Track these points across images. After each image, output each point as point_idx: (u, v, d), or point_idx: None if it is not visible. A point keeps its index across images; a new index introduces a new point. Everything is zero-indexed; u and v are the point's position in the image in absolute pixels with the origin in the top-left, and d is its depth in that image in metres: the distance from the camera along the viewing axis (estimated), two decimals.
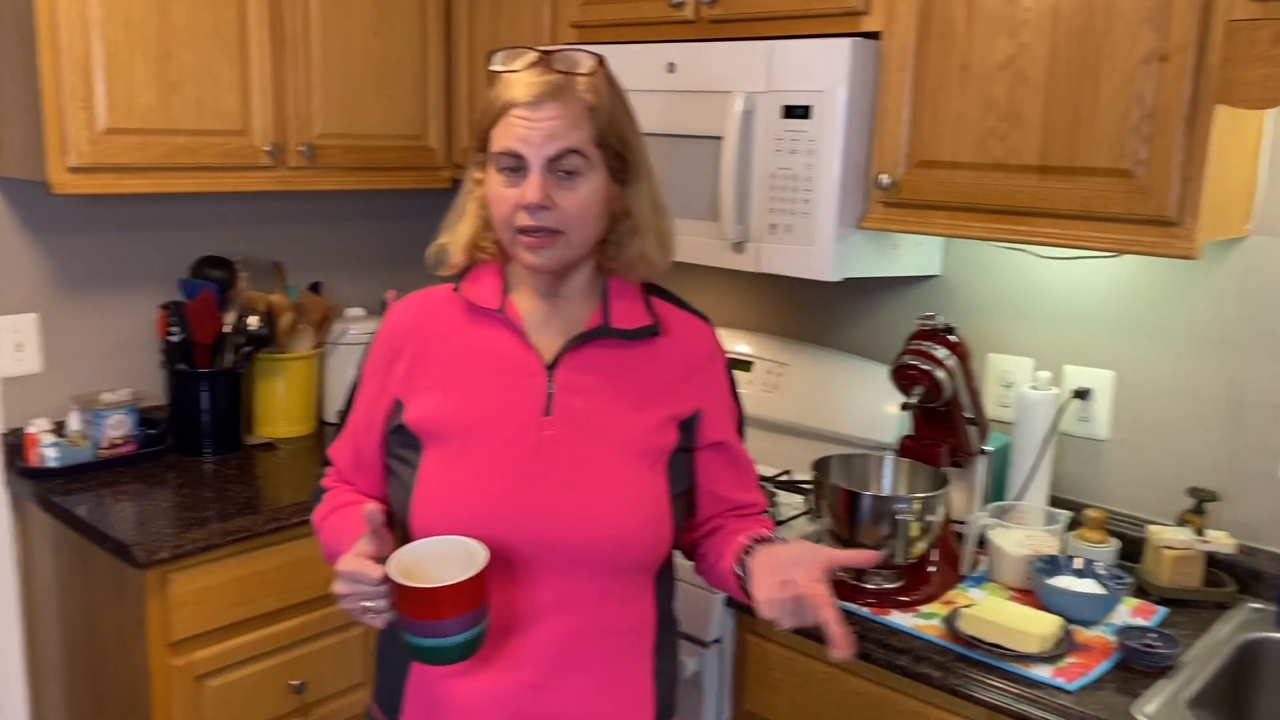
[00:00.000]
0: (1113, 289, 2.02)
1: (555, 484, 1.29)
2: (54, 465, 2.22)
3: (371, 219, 2.93)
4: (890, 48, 1.87)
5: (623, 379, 1.35)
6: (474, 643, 1.21)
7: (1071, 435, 2.07)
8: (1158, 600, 1.82)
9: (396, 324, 1.40)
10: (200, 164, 2.22)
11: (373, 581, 1.21)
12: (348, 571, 1.23)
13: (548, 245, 1.28)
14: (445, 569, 1.19)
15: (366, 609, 1.23)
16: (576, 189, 1.27)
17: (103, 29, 2.04)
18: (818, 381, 2.31)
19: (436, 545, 1.25)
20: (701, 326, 1.43)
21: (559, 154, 1.25)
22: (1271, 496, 1.87)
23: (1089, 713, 1.47)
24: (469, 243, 1.37)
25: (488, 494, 1.29)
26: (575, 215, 1.28)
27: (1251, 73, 1.51)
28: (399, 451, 1.37)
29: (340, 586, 1.24)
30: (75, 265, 2.41)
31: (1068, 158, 1.69)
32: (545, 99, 1.25)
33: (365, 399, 1.41)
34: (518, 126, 1.25)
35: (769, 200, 1.97)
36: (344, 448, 1.45)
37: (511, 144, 1.26)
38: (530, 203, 1.25)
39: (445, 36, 2.63)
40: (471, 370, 1.34)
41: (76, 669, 2.26)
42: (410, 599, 1.18)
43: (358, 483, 1.44)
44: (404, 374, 1.37)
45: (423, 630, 1.19)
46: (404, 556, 1.22)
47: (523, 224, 1.27)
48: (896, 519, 1.73)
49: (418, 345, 1.37)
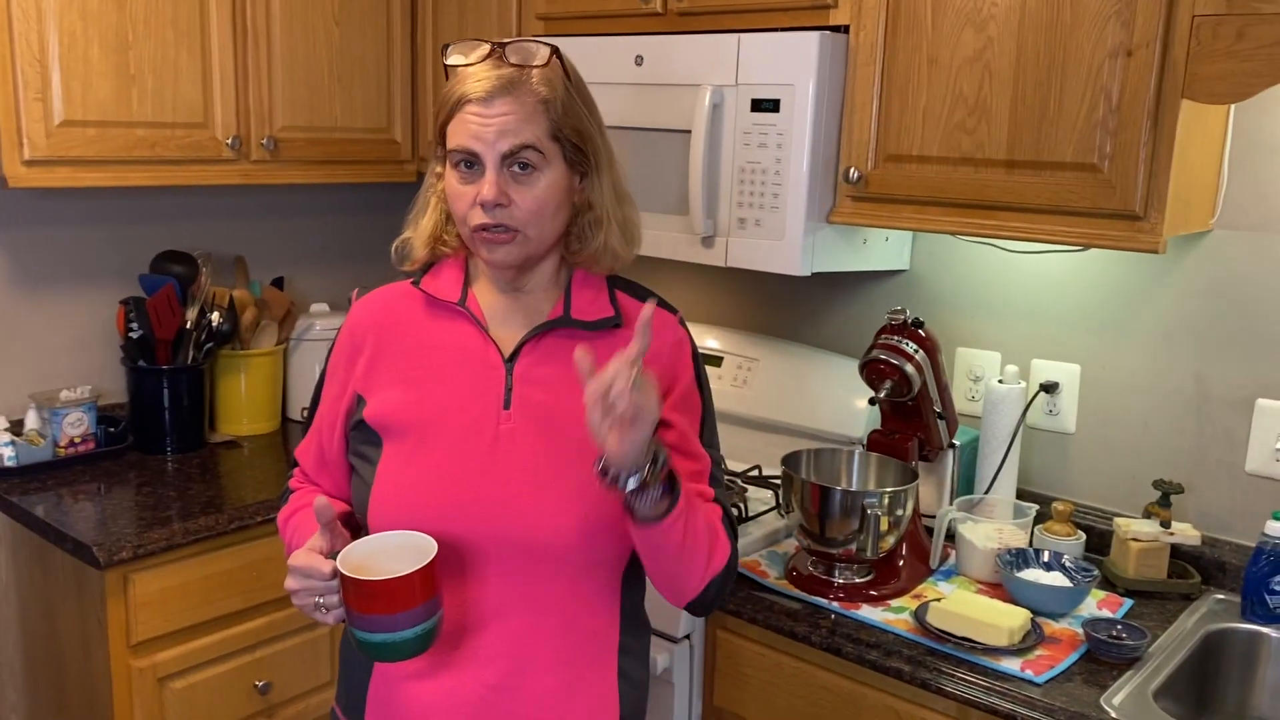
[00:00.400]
0: (1079, 283, 2.03)
1: (513, 479, 1.27)
2: (11, 465, 2.18)
3: (336, 213, 2.90)
4: (858, 41, 1.87)
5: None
6: (425, 638, 1.18)
7: (1039, 429, 2.09)
8: (1124, 592, 1.84)
9: (357, 320, 1.39)
10: (160, 157, 2.18)
11: (323, 576, 1.19)
12: (298, 566, 1.21)
13: (505, 242, 1.26)
14: (396, 564, 1.17)
15: (318, 605, 1.21)
16: (533, 185, 1.25)
17: (59, 19, 2.00)
18: (787, 376, 2.30)
19: (387, 540, 1.23)
20: (666, 316, 1.39)
21: (513, 150, 1.23)
22: (1235, 489, 1.89)
23: (1057, 705, 1.47)
24: (431, 236, 1.36)
25: (443, 489, 1.27)
26: (532, 212, 1.26)
27: (1216, 67, 1.52)
28: (360, 449, 1.35)
29: (291, 582, 1.22)
30: (32, 260, 2.36)
31: (1035, 152, 1.70)
32: (497, 94, 1.23)
33: (329, 397, 1.39)
34: (471, 124, 1.24)
35: (738, 194, 1.96)
36: (309, 447, 1.43)
37: (465, 141, 1.24)
38: (485, 200, 1.23)
39: (410, 28, 2.60)
40: (431, 364, 1.32)
41: (36, 671, 2.21)
42: (358, 593, 1.16)
43: (322, 483, 1.42)
44: (364, 370, 1.35)
45: (372, 625, 1.16)
46: (354, 552, 1.21)
47: (479, 221, 1.25)
48: (866, 513, 1.73)
49: (378, 340, 1.35)
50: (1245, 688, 1.72)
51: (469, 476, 1.27)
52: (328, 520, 1.22)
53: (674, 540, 1.22)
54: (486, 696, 1.28)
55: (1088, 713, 1.45)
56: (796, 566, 1.86)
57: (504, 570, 1.27)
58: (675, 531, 1.21)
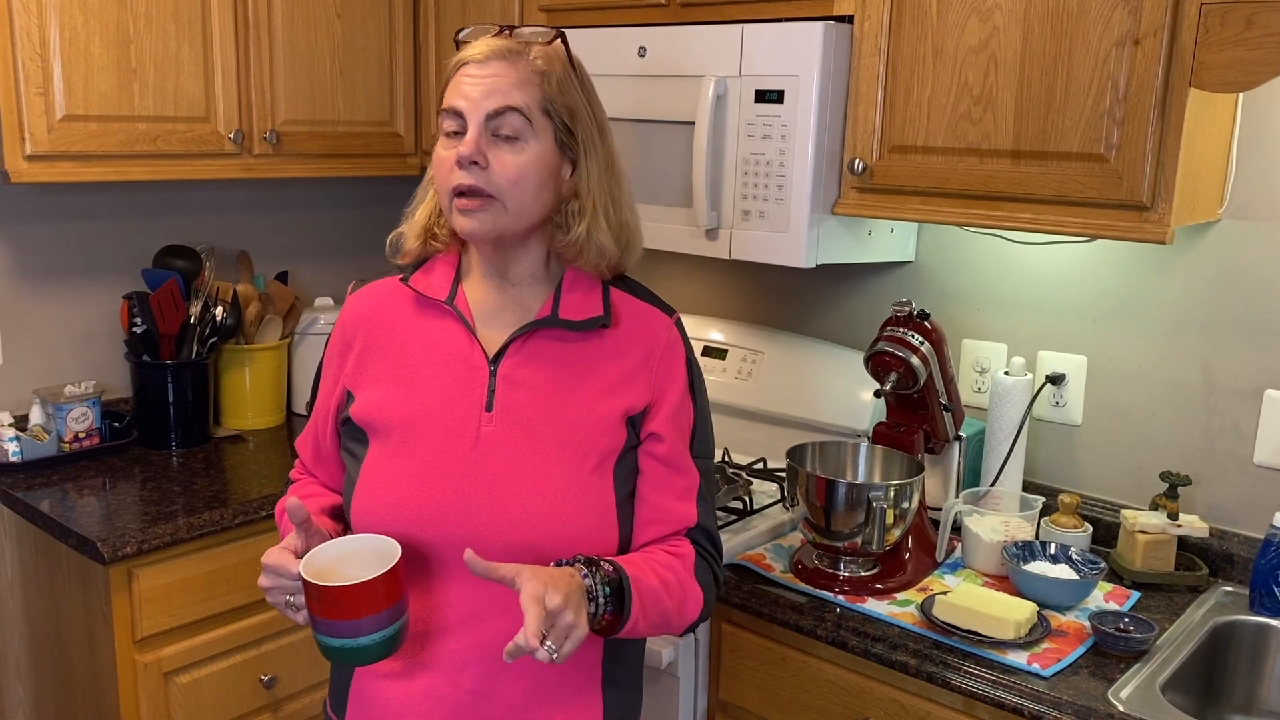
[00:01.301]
0: (1086, 274, 2.02)
1: (491, 483, 1.25)
2: (15, 460, 2.18)
3: (339, 207, 2.89)
4: (863, 31, 1.85)
5: (572, 373, 1.30)
6: (388, 643, 1.17)
7: (1045, 421, 2.08)
8: (1131, 585, 1.83)
9: (349, 315, 1.38)
10: (162, 151, 2.18)
11: (291, 576, 1.18)
12: (270, 564, 1.20)
13: (481, 209, 1.24)
14: (362, 569, 1.16)
15: (288, 603, 1.21)
16: (517, 153, 1.23)
17: (60, 13, 1.99)
18: (792, 369, 2.30)
19: (353, 544, 1.22)
20: (661, 317, 1.36)
21: (498, 110, 1.22)
22: (1243, 480, 1.88)
23: (1065, 698, 1.47)
24: (423, 229, 1.34)
25: (423, 491, 1.25)
26: (511, 181, 1.23)
27: (1224, 56, 1.51)
28: (349, 445, 1.34)
29: (264, 579, 1.21)
30: (36, 256, 2.36)
31: (1041, 142, 1.68)
32: (494, 58, 1.24)
33: (324, 391, 1.39)
34: (463, 83, 1.24)
35: (742, 186, 1.95)
36: (307, 439, 1.43)
37: (453, 100, 1.24)
38: (462, 155, 1.22)
39: (413, 20, 2.59)
40: (417, 363, 1.31)
41: (42, 667, 2.22)
42: (320, 598, 1.15)
43: (320, 475, 1.42)
44: (354, 366, 1.34)
45: (332, 630, 1.15)
46: (320, 556, 1.20)
47: (456, 182, 1.23)
48: (871, 506, 1.72)
49: (367, 336, 1.34)
50: (1254, 680, 1.71)
51: (449, 479, 1.25)
52: (301, 520, 1.21)
53: (641, 631, 1.26)
54: (464, 700, 1.27)
55: (1095, 706, 1.45)
56: (801, 560, 1.86)
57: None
58: (639, 630, 1.25)
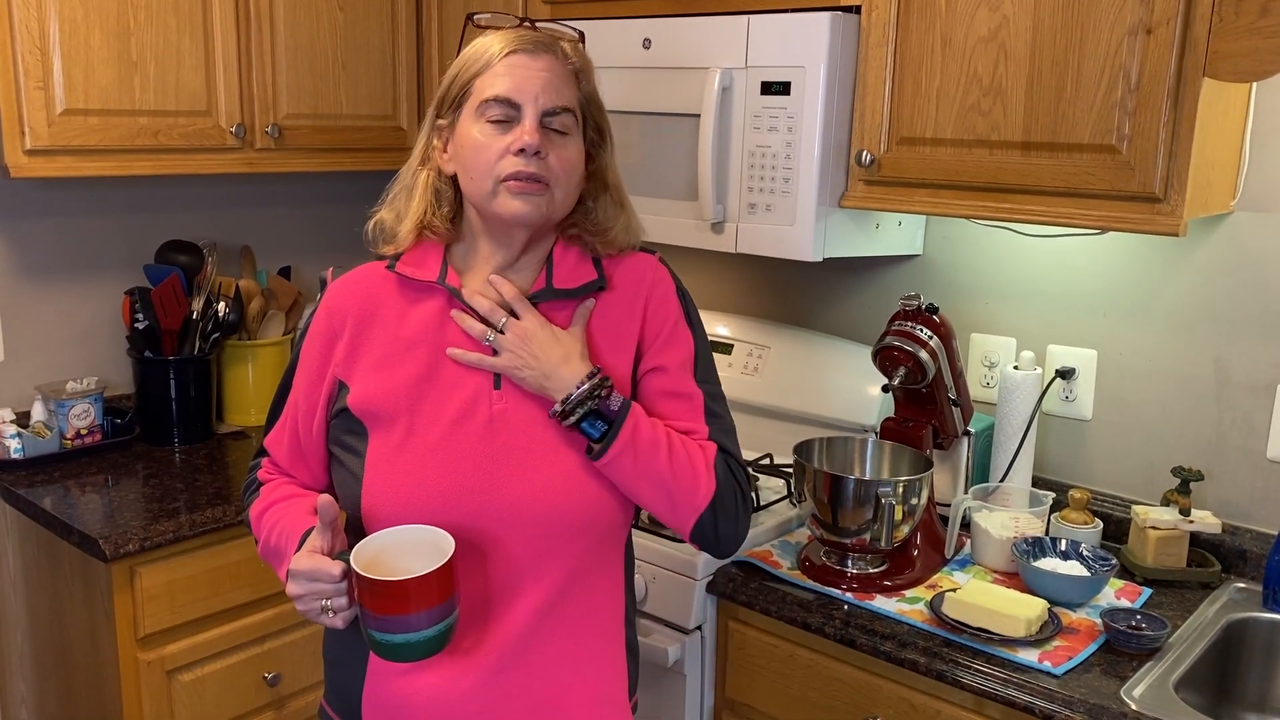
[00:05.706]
0: (1097, 267, 1.99)
1: (512, 459, 1.24)
2: (17, 457, 2.17)
3: (342, 202, 2.88)
4: (870, 22, 1.83)
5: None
6: (444, 636, 1.16)
7: (1055, 415, 2.06)
8: (1142, 581, 1.81)
9: (335, 303, 1.34)
10: (164, 145, 2.16)
11: (332, 579, 1.16)
12: (304, 570, 1.17)
13: (538, 193, 1.25)
14: (410, 560, 1.14)
15: (325, 608, 1.18)
16: (566, 147, 1.27)
17: (59, 6, 1.98)
18: (799, 363, 2.28)
19: (399, 535, 1.20)
20: (644, 258, 1.38)
21: (554, 110, 1.25)
22: (1256, 475, 1.86)
23: (1076, 696, 1.45)
24: (419, 222, 1.32)
25: (441, 476, 1.23)
26: (565, 172, 1.27)
27: (1238, 45, 1.49)
28: (343, 439, 1.31)
29: (295, 587, 1.18)
30: (36, 251, 2.34)
31: (1051, 133, 1.66)
32: (541, 50, 1.26)
33: (304, 384, 1.34)
34: (517, 71, 1.24)
35: (748, 179, 1.93)
36: (281, 437, 1.37)
37: (506, 90, 1.24)
38: (529, 144, 1.23)
39: (415, 12, 2.58)
40: (415, 347, 1.29)
41: (45, 664, 2.21)
42: (376, 593, 1.12)
43: (298, 474, 1.37)
44: (344, 354, 1.31)
45: (390, 626, 1.13)
46: (366, 549, 1.17)
47: (515, 169, 1.23)
48: (880, 503, 1.70)
49: (357, 324, 1.31)
50: (1267, 678, 1.70)
51: (466, 461, 1.24)
52: (330, 519, 1.19)
53: (626, 472, 1.24)
54: (493, 683, 1.25)
55: (1108, 704, 1.43)
56: (809, 556, 1.84)
57: (510, 551, 1.25)
58: (625, 464, 1.23)
